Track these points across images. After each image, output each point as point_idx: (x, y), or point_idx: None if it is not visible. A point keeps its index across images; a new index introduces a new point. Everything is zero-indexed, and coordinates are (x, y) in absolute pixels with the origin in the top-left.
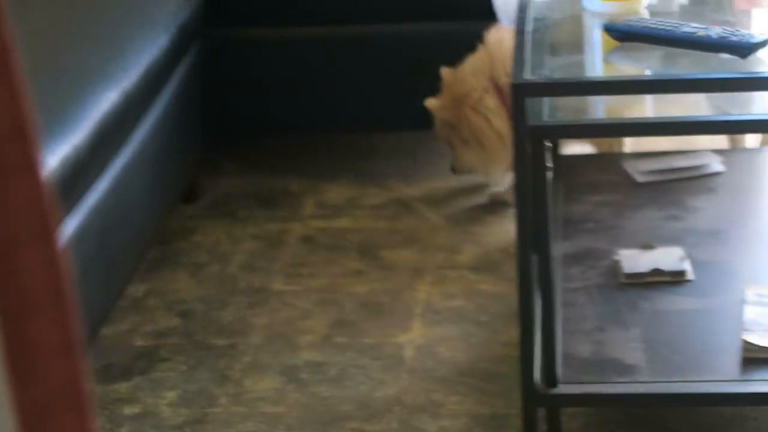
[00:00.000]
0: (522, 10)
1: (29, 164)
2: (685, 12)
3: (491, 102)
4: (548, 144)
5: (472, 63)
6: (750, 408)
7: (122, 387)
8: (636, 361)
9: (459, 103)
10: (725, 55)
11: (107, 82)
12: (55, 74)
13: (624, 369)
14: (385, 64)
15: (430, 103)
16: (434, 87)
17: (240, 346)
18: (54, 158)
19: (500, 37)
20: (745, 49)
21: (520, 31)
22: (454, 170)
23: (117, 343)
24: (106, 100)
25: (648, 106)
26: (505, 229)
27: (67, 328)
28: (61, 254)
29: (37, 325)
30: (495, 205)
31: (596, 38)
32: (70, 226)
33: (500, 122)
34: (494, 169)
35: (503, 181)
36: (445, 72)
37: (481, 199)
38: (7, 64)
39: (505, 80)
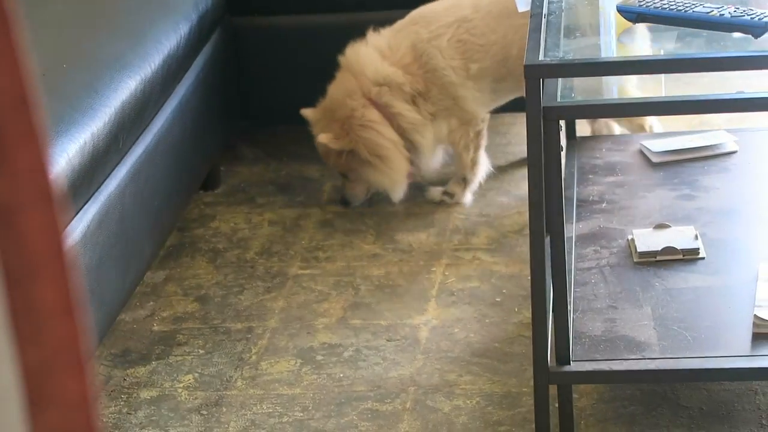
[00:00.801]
0: None
1: (32, 132)
2: None
3: (374, 115)
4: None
5: (342, 87)
6: (761, 383)
7: (140, 371)
8: (648, 339)
9: (347, 126)
10: (738, 35)
11: (127, 71)
12: (75, 62)
13: (636, 346)
14: None
15: (323, 138)
16: None
17: (257, 329)
18: (74, 146)
19: (355, 52)
20: (758, 29)
21: (535, 14)
22: (346, 202)
23: (135, 328)
24: (126, 88)
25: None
26: (519, 211)
27: (68, 290)
28: (62, 219)
29: (39, 287)
30: (510, 188)
31: (610, 19)
32: (89, 213)
33: (389, 131)
34: (398, 178)
35: (402, 192)
36: (308, 112)
37: (496, 183)
38: (8, 34)
39: (375, 90)
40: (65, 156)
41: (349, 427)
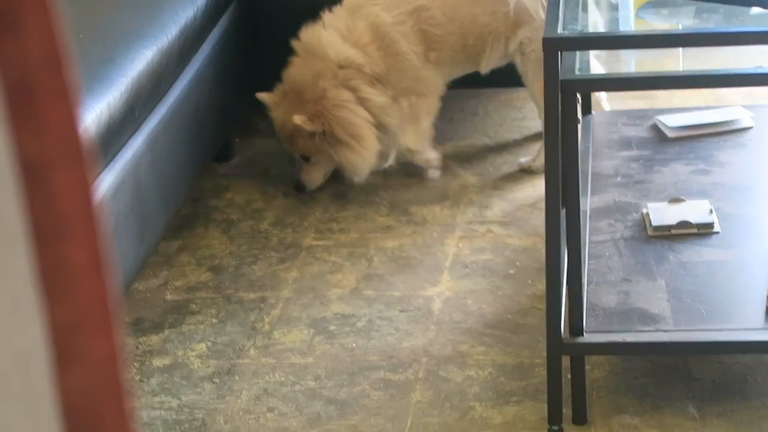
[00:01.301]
0: None
1: (64, 90)
2: None
3: (346, 95)
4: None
5: (308, 69)
6: None
7: (153, 339)
8: (661, 311)
9: (320, 107)
10: (756, 10)
11: (144, 42)
12: (92, 33)
13: (649, 318)
14: None
15: (297, 119)
16: None
17: (270, 299)
18: (90, 115)
19: (315, 35)
20: None
21: None
22: (302, 187)
23: (149, 297)
24: (143, 59)
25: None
26: (533, 185)
27: (97, 249)
28: (92, 178)
29: (69, 245)
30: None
31: None
32: (104, 182)
33: (362, 110)
34: (370, 157)
35: (367, 173)
36: (266, 96)
37: (511, 157)
38: None
39: (341, 74)
40: (79, 95)
41: (362, 397)
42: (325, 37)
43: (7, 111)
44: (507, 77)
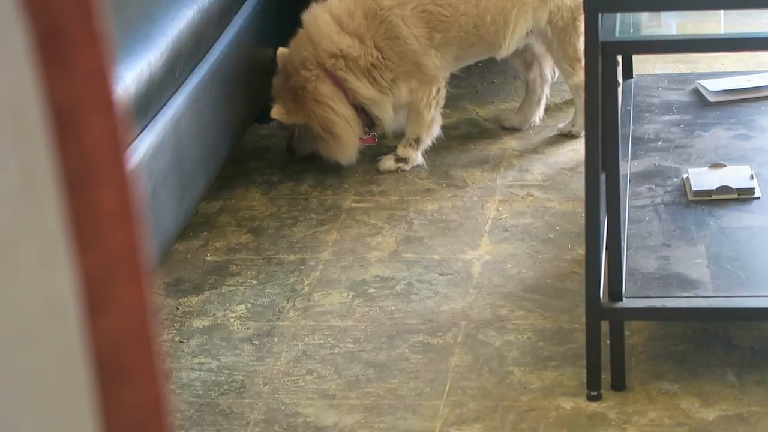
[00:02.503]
0: None
1: (93, 36)
2: None
3: (327, 88)
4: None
5: (298, 53)
6: None
7: (193, 300)
8: (701, 277)
9: (300, 100)
10: None
11: (185, 0)
12: None
13: (689, 284)
14: None
15: (274, 113)
16: None
17: (309, 261)
18: (130, 74)
19: (315, 17)
20: None
21: None
22: (292, 150)
23: (189, 258)
24: (183, 18)
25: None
26: (573, 149)
27: (127, 197)
28: (122, 126)
29: (98, 192)
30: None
31: None
32: (145, 142)
33: (342, 106)
34: (347, 153)
35: (352, 160)
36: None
37: (551, 120)
38: None
39: (330, 62)
40: (121, 84)
41: (400, 360)
42: (322, 23)
43: (37, 55)
44: None
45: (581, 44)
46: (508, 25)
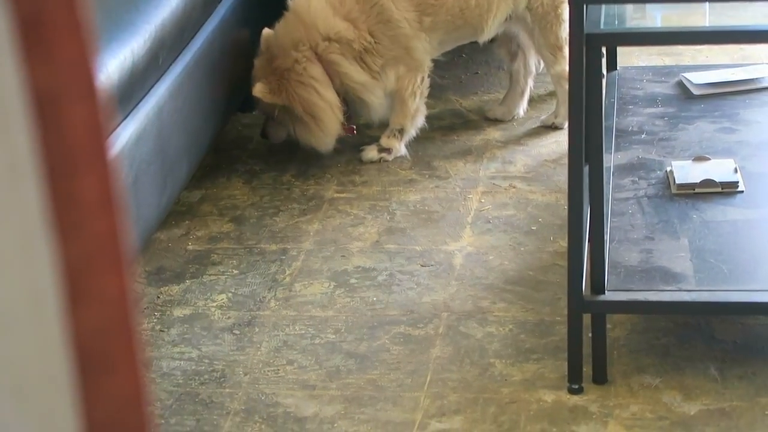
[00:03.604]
0: None
1: (76, 25)
2: None
3: (316, 71)
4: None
5: (288, 34)
6: None
7: (173, 289)
8: (684, 270)
9: (285, 80)
10: None
11: None
12: None
13: (671, 277)
14: None
15: (257, 91)
16: None
17: (291, 251)
18: (113, 62)
19: (305, 2)
20: None
21: None
22: (266, 136)
23: (170, 246)
24: (167, 6)
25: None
26: (557, 140)
27: (108, 186)
28: (105, 114)
29: (80, 181)
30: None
31: None
32: (127, 130)
33: (328, 91)
34: (327, 139)
35: (329, 148)
36: (257, 61)
37: (535, 112)
38: None
39: (322, 45)
40: (104, 71)
41: (381, 351)
42: (315, 6)
43: (20, 42)
44: None
45: (563, 32)
46: (491, 9)
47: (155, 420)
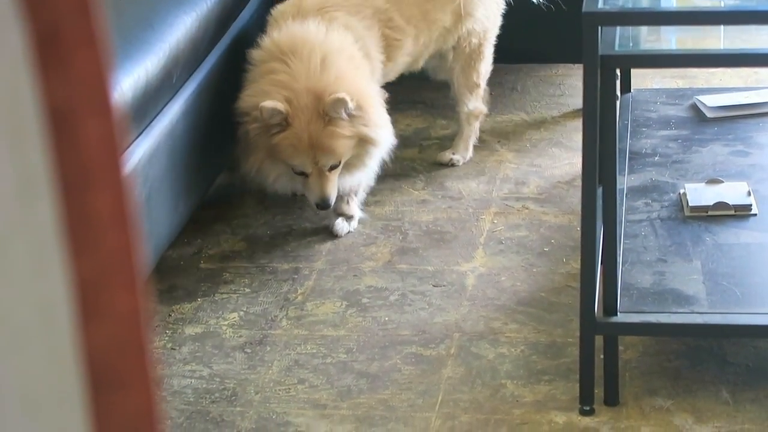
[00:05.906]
0: None
1: (91, 38)
2: None
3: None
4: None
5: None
6: None
7: (185, 307)
8: (696, 293)
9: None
10: None
11: (183, 7)
12: None
13: (684, 300)
14: None
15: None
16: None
17: (303, 270)
18: (127, 80)
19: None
20: None
21: None
22: (327, 203)
23: (182, 264)
24: (182, 25)
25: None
26: (570, 162)
27: (122, 201)
28: (119, 129)
29: (94, 197)
30: (562, 139)
31: None
32: (140, 148)
33: (350, 128)
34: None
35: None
36: (276, 106)
37: (548, 134)
38: None
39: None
40: (118, 89)
41: (393, 371)
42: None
43: (36, 57)
44: (546, 53)
45: (483, 68)
46: (429, 47)
47: None
